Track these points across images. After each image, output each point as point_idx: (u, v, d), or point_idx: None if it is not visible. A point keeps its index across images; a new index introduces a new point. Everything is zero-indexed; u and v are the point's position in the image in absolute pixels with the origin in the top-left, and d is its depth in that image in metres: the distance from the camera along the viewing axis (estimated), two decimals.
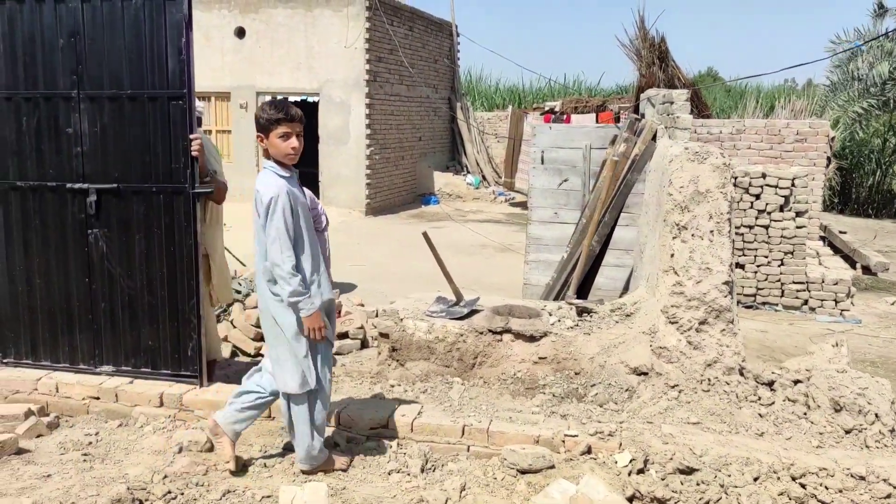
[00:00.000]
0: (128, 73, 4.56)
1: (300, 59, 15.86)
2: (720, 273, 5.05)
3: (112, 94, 4.59)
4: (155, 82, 4.53)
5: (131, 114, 4.59)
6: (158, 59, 4.50)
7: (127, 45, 4.53)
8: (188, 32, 4.43)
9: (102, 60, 4.58)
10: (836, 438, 4.31)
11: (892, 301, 9.83)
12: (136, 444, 4.32)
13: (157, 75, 4.52)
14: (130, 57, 4.54)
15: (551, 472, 3.93)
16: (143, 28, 4.49)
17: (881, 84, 17.52)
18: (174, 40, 4.46)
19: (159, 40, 4.49)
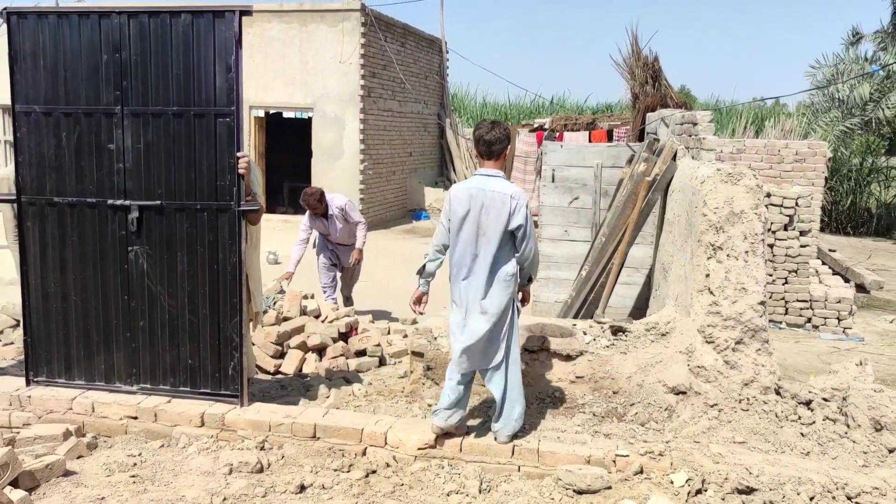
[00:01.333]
0: (174, 89, 4.53)
1: (294, 73, 15.83)
2: (755, 293, 5.12)
3: (157, 110, 4.55)
4: (202, 99, 4.50)
5: (177, 130, 4.56)
6: (206, 76, 4.48)
7: (174, 62, 4.51)
8: (238, 50, 4.42)
9: (148, 76, 4.55)
10: (879, 458, 4.38)
11: (892, 319, 10.01)
12: (183, 464, 4.26)
13: (204, 92, 4.50)
14: (177, 73, 4.51)
15: (609, 492, 3.94)
16: (192, 45, 4.47)
17: (862, 105, 17.91)
18: (223, 57, 4.45)
19: (207, 57, 4.47)
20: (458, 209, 4.30)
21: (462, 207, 4.28)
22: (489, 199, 4.24)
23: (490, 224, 4.24)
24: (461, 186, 4.37)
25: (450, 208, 4.36)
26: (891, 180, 20.25)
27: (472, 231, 4.27)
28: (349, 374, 6.26)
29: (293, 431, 4.49)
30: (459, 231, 4.30)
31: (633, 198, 6.76)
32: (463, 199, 4.29)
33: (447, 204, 4.40)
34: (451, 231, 4.35)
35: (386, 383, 6.04)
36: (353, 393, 5.62)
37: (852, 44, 19.18)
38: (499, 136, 4.32)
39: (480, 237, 4.27)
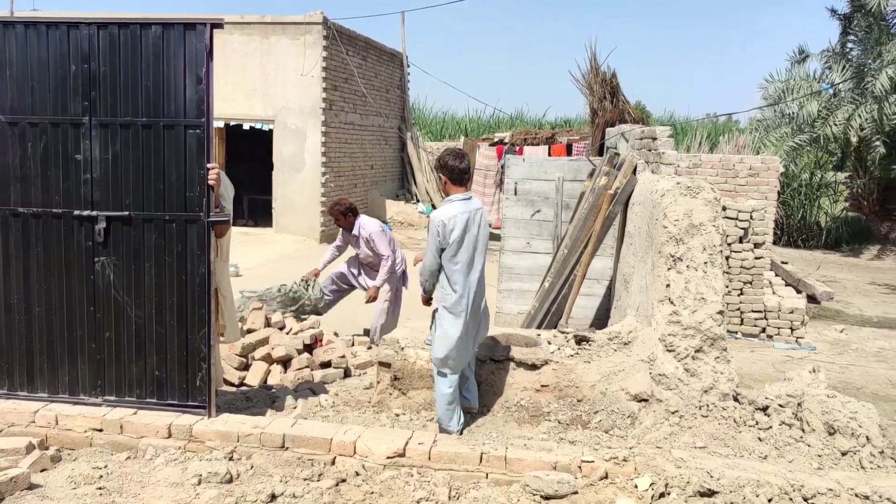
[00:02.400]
0: (144, 100, 4.53)
1: (255, 85, 15.79)
2: (714, 303, 5.27)
3: (126, 121, 4.55)
4: (172, 111, 4.52)
5: (146, 141, 4.56)
6: (176, 87, 4.50)
7: (144, 73, 4.51)
8: (209, 62, 4.45)
9: (117, 87, 4.55)
10: (833, 460, 4.54)
11: (841, 329, 10.32)
12: (151, 476, 4.24)
13: (174, 104, 4.51)
14: (147, 85, 4.52)
15: (575, 497, 4.03)
16: (162, 56, 4.48)
17: (811, 122, 18.43)
18: (193, 69, 4.47)
19: (178, 69, 4.48)
20: (455, 233, 4.74)
21: (458, 231, 4.74)
22: (475, 218, 4.83)
23: (481, 239, 4.86)
24: (451, 212, 4.77)
25: (445, 234, 4.74)
26: (839, 195, 20.84)
27: (471, 249, 4.82)
28: (315, 386, 6.27)
29: (262, 442, 4.50)
30: (458, 252, 4.78)
31: (595, 211, 6.91)
32: (459, 224, 4.74)
33: (441, 231, 4.74)
34: (449, 254, 4.77)
35: (352, 394, 6.06)
36: (320, 403, 5.64)
37: (798, 62, 19.73)
38: (469, 164, 4.99)
39: (477, 254, 4.86)
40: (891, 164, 17.89)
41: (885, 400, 7.38)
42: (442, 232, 4.74)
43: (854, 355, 9.11)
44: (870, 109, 16.64)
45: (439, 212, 4.80)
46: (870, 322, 11.08)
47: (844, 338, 9.98)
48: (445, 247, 4.76)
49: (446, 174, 4.90)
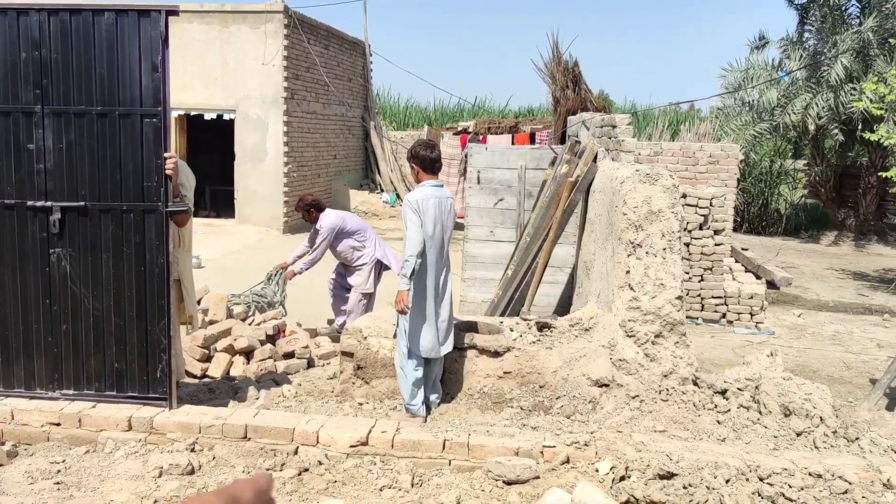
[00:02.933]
0: (98, 89, 4.45)
1: (215, 75, 15.58)
2: (673, 288, 5.35)
3: (80, 110, 4.47)
4: (128, 99, 4.45)
5: (101, 130, 4.48)
6: (132, 75, 4.43)
7: (97, 61, 4.44)
8: (164, 50, 4.38)
9: (70, 75, 4.47)
10: (788, 441, 4.64)
11: (799, 313, 10.53)
12: (110, 469, 4.20)
13: (129, 92, 4.44)
14: (101, 73, 4.44)
15: (537, 482, 4.07)
16: (116, 44, 4.41)
17: (770, 110, 18.71)
18: (149, 57, 4.40)
19: (133, 57, 4.41)
20: (430, 215, 4.96)
21: (431, 213, 4.96)
22: (445, 205, 5.09)
23: (448, 226, 5.11)
24: (424, 194, 4.99)
25: (423, 216, 4.93)
26: (797, 182, 21.22)
27: (441, 233, 5.05)
28: (278, 376, 6.24)
29: (224, 433, 4.47)
30: (433, 235, 4.99)
31: (556, 198, 6.95)
32: (431, 207, 4.97)
33: (419, 212, 4.93)
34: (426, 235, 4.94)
35: (315, 384, 6.04)
36: (283, 394, 5.61)
37: (758, 48, 20.00)
38: (439, 154, 5.23)
39: (445, 237, 5.10)
40: (847, 151, 18.25)
41: (840, 382, 7.55)
42: (419, 209, 4.92)
43: (811, 339, 9.30)
44: (826, 98, 16.94)
45: (413, 194, 5.04)
46: (826, 307, 11.32)
47: (802, 322, 10.18)
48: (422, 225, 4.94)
49: (418, 164, 5.13)
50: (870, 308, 11.24)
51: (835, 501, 3.83)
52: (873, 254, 17.18)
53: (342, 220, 7.92)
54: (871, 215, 18.60)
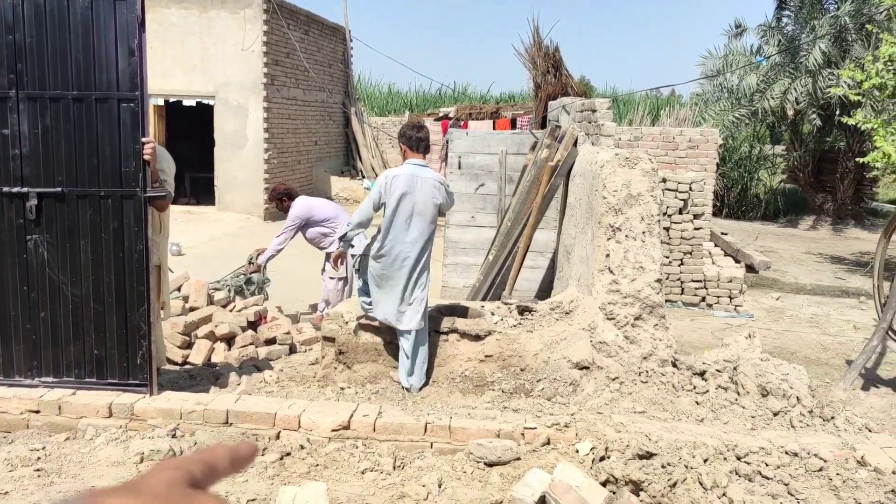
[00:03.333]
0: (74, 73, 4.40)
1: (195, 61, 15.45)
2: (652, 271, 5.39)
3: (56, 94, 4.42)
4: (104, 83, 4.40)
5: (77, 115, 4.44)
6: (108, 59, 4.38)
7: (73, 45, 4.38)
8: (141, 33, 4.34)
9: (45, 59, 4.41)
10: (766, 420, 4.71)
11: (777, 296, 10.64)
12: (91, 456, 4.19)
13: (106, 76, 4.40)
14: (77, 57, 4.39)
15: (518, 463, 4.10)
16: (92, 27, 4.35)
17: (750, 95, 18.82)
18: (125, 41, 4.36)
19: (109, 40, 4.37)
20: (397, 191, 5.07)
21: (400, 190, 5.07)
22: (421, 184, 5.13)
23: (421, 203, 5.12)
24: (399, 172, 5.16)
25: (388, 189, 5.10)
26: (776, 167, 21.38)
27: (408, 210, 5.10)
28: (259, 362, 6.24)
29: (205, 418, 4.47)
30: (397, 209, 5.09)
31: (537, 183, 6.97)
32: (401, 184, 5.08)
33: (383, 185, 5.13)
34: (388, 209, 5.10)
35: (297, 370, 6.05)
36: (265, 379, 5.61)
37: (735, 36, 20.10)
38: (427, 135, 5.39)
39: (415, 216, 5.12)
40: (825, 136, 18.40)
41: (817, 363, 7.66)
42: (384, 186, 5.11)
43: (789, 321, 9.41)
44: (804, 83, 17.05)
45: (389, 170, 5.26)
46: (804, 290, 11.45)
47: (780, 305, 10.29)
48: (385, 202, 5.11)
49: (404, 142, 5.32)
50: (847, 291, 11.38)
51: (810, 479, 3.89)
52: (851, 238, 17.37)
53: (309, 210, 7.87)
54: (848, 200, 18.78)
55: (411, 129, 5.34)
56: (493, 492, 3.81)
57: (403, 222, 5.11)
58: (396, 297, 5.16)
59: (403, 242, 5.14)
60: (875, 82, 10.49)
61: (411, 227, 5.13)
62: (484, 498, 3.76)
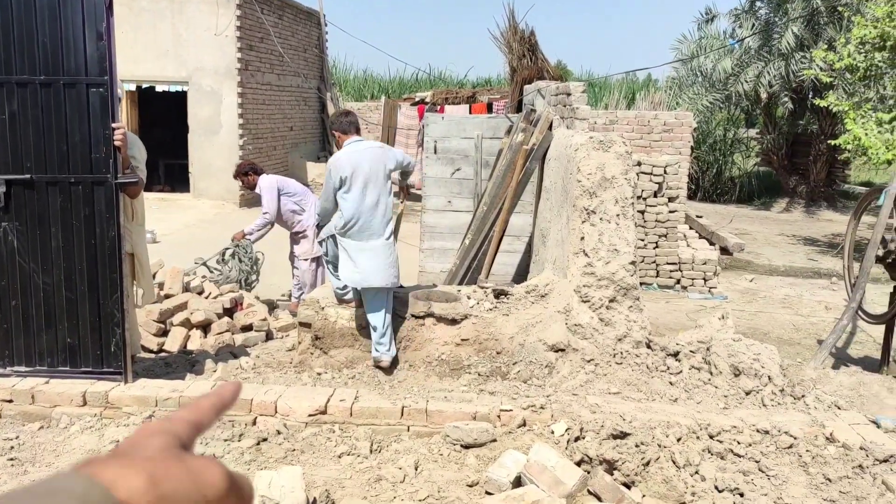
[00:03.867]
0: (41, 58, 4.34)
1: (167, 46, 15.25)
2: (626, 254, 5.43)
3: (23, 79, 4.36)
4: (72, 68, 4.34)
5: (45, 101, 4.38)
6: (76, 44, 4.32)
7: (39, 29, 4.31)
8: (109, 17, 4.29)
9: (10, 44, 4.34)
10: (738, 400, 4.78)
11: (751, 278, 10.76)
12: (65, 445, 4.16)
13: (74, 61, 4.34)
14: (43, 41, 4.32)
15: (494, 445, 4.13)
16: (59, 11, 4.29)
17: (724, 79, 18.94)
18: (93, 25, 4.30)
19: (76, 25, 4.30)
20: (344, 172, 5.19)
21: (347, 170, 5.19)
22: (364, 155, 5.27)
23: (372, 171, 5.24)
24: (339, 156, 5.31)
25: (334, 175, 5.25)
26: (750, 150, 21.56)
27: (361, 182, 5.21)
28: (236, 349, 6.21)
29: (181, 405, 4.45)
30: (350, 188, 5.21)
31: (512, 167, 6.98)
32: (346, 165, 5.20)
33: (332, 173, 5.27)
34: (343, 190, 5.24)
35: (274, 356, 6.03)
36: (241, 366, 5.60)
37: (706, 22, 20.20)
38: (355, 117, 5.59)
39: (370, 184, 5.23)
40: (797, 119, 18.57)
41: (789, 343, 7.77)
42: (333, 174, 5.28)
43: (762, 303, 9.52)
44: (778, 66, 17.18)
45: (331, 158, 5.44)
46: (777, 271, 11.59)
47: (754, 287, 10.41)
48: (339, 184, 5.25)
49: (337, 129, 5.50)
50: (819, 272, 11.53)
51: (780, 456, 3.96)
52: (823, 220, 17.58)
53: (281, 181, 7.84)
54: (821, 182, 19.00)
55: (339, 116, 5.58)
56: (469, 473, 3.84)
57: (360, 193, 5.23)
58: (379, 261, 5.29)
59: (366, 211, 5.26)
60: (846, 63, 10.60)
61: (367, 195, 5.24)
62: (460, 479, 3.79)
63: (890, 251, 6.43)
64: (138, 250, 4.86)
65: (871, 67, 10.71)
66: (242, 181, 7.91)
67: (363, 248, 5.27)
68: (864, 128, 10.07)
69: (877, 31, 10.22)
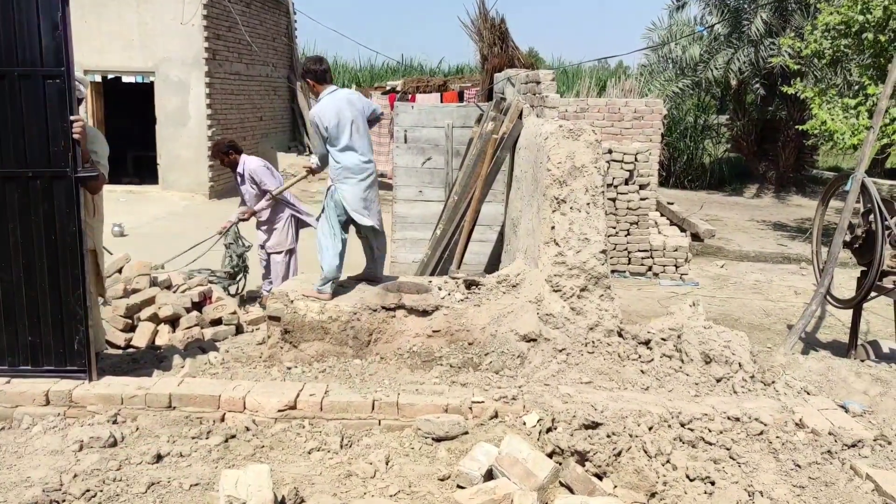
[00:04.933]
0: None
1: (132, 35, 14.98)
2: (597, 243, 5.42)
3: None
4: (27, 59, 4.21)
5: (0, 93, 4.25)
6: (30, 34, 4.19)
7: None
8: (65, 6, 4.16)
9: None
10: (709, 387, 4.79)
11: (722, 264, 10.84)
12: (27, 445, 4.06)
13: (29, 52, 4.21)
14: None
15: (466, 437, 4.10)
16: (12, 1, 4.15)
17: (693, 66, 19.01)
18: (48, 14, 4.17)
19: (30, 14, 4.17)
20: (330, 122, 5.33)
21: (331, 120, 5.33)
22: (343, 103, 5.39)
23: (355, 120, 5.39)
24: (322, 106, 5.39)
25: (322, 122, 5.36)
26: (721, 137, 21.69)
27: (348, 131, 5.38)
28: (205, 344, 6.13)
29: (147, 402, 4.37)
30: (339, 137, 5.37)
31: (483, 156, 6.93)
32: (329, 114, 5.34)
33: (318, 124, 5.39)
34: (330, 140, 5.40)
35: (244, 350, 5.96)
36: (210, 361, 5.51)
37: (677, 9, 20.28)
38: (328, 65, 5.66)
39: (354, 133, 5.41)
40: (767, 106, 18.70)
41: (760, 329, 7.83)
42: (320, 125, 5.38)
43: (733, 289, 9.59)
44: (747, 53, 17.28)
45: (313, 109, 5.46)
46: (748, 257, 11.68)
47: (725, 273, 10.49)
48: (327, 136, 5.38)
49: (311, 77, 5.54)
50: (788, 257, 11.64)
51: (751, 443, 3.97)
52: (793, 205, 17.76)
53: (265, 161, 7.73)
54: (790, 167, 19.17)
55: (313, 63, 5.58)
56: (440, 467, 3.80)
57: (348, 135, 5.38)
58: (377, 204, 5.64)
59: (364, 154, 5.47)
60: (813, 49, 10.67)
61: (362, 140, 5.46)
62: (432, 473, 3.76)
63: (857, 236, 6.49)
64: (99, 248, 4.76)
65: (838, 54, 10.80)
66: (222, 160, 7.69)
67: (370, 194, 5.55)
68: (831, 113, 10.16)
69: (840, 18, 10.30)
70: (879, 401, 4.80)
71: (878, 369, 5.20)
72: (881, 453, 3.92)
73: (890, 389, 4.87)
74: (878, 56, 10.45)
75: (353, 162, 5.43)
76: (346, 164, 5.42)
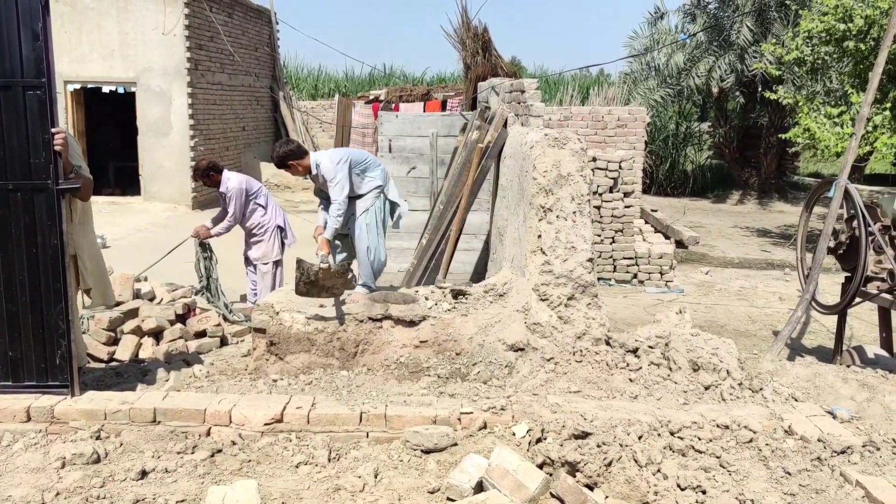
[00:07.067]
0: None
1: (113, 45, 14.89)
2: (584, 251, 5.41)
3: None
4: (7, 70, 4.15)
5: None
6: (10, 44, 4.13)
7: None
8: (45, 16, 4.11)
9: None
10: (697, 395, 4.78)
11: (706, 271, 10.88)
12: (7, 464, 3.98)
13: (9, 62, 4.15)
14: None
15: (455, 449, 4.06)
16: None
17: (676, 74, 19.14)
18: (28, 24, 4.12)
19: (10, 24, 4.12)
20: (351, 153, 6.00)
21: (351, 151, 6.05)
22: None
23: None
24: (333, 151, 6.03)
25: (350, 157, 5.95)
26: (703, 144, 21.86)
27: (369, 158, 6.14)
28: (189, 357, 6.06)
29: (131, 417, 4.30)
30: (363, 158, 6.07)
31: (468, 165, 6.92)
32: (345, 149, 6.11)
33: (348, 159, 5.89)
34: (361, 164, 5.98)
35: (229, 363, 5.90)
36: (195, 374, 5.45)
37: (657, 19, 20.44)
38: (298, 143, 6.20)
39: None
40: (748, 113, 18.86)
41: (745, 335, 7.85)
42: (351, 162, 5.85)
43: (718, 295, 9.63)
44: (729, 61, 17.41)
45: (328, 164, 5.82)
46: (732, 263, 11.74)
47: (709, 279, 10.52)
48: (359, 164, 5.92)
49: (293, 158, 5.90)
50: (772, 263, 11.71)
51: (741, 450, 3.96)
52: (775, 211, 17.89)
53: (246, 180, 7.65)
54: (772, 174, 19.32)
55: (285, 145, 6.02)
56: (430, 479, 3.76)
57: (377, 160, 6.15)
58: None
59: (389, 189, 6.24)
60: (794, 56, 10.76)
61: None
62: (421, 486, 3.72)
63: (841, 242, 6.52)
64: (81, 252, 4.69)
65: (818, 61, 10.89)
66: (205, 182, 7.65)
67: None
68: (817, 121, 10.24)
69: (823, 25, 10.39)
70: (867, 406, 4.81)
71: (864, 375, 5.22)
72: (870, 459, 3.92)
73: (876, 395, 4.88)
74: (858, 64, 10.55)
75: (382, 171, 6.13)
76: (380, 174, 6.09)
